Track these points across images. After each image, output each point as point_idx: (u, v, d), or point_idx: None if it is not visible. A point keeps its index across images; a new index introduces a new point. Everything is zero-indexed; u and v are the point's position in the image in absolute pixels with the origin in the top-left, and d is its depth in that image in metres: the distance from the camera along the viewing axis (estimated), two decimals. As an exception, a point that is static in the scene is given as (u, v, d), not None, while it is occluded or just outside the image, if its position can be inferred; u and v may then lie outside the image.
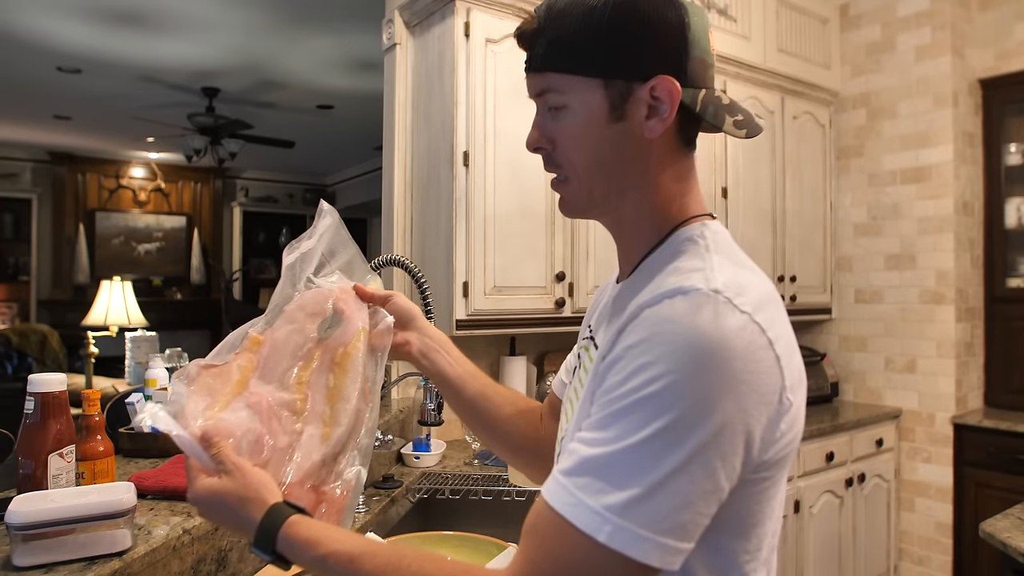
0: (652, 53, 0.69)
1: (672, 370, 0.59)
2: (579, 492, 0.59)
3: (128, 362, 4.11)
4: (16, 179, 7.69)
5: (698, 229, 0.73)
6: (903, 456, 3.20)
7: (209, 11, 4.03)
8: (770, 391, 0.62)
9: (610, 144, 0.72)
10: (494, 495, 1.90)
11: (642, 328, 0.62)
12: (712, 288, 0.62)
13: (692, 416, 0.58)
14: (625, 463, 0.59)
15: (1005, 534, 1.68)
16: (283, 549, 0.68)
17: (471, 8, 2.18)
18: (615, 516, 0.58)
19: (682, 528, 0.59)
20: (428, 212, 2.33)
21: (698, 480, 0.58)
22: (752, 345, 0.61)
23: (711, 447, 0.59)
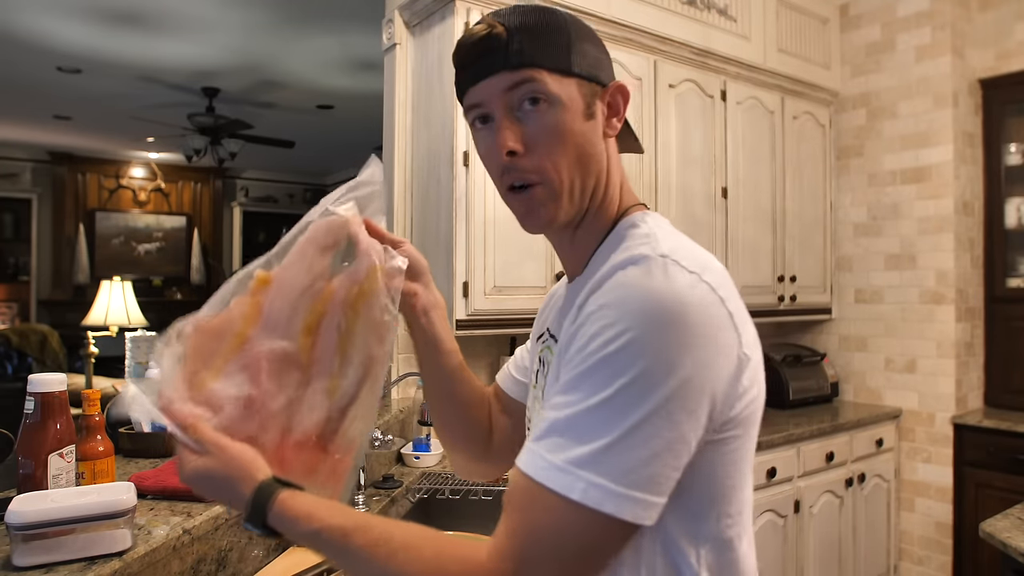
0: (606, 62, 0.79)
1: (630, 327, 0.61)
2: (548, 454, 0.61)
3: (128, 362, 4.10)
4: (16, 179, 7.69)
5: (639, 216, 0.78)
6: (903, 456, 3.20)
7: (209, 11, 4.03)
8: (727, 345, 0.65)
9: (585, 140, 0.75)
10: (494, 495, 1.90)
11: (600, 297, 0.65)
12: (659, 253, 0.67)
13: (653, 370, 0.60)
14: (591, 420, 0.60)
15: (1005, 534, 1.68)
16: (275, 524, 0.68)
17: (471, 8, 2.18)
18: (586, 471, 0.59)
19: (652, 481, 0.60)
20: (428, 212, 2.33)
21: (663, 432, 0.60)
22: (704, 301, 0.64)
23: (674, 400, 0.60)
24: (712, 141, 2.86)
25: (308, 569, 1.25)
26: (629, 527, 0.60)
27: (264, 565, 1.32)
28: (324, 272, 0.78)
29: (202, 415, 0.72)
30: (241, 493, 0.69)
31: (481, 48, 0.74)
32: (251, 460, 0.71)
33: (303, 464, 0.76)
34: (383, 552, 0.64)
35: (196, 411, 0.72)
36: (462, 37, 0.77)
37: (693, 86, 2.79)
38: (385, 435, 1.69)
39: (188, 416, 0.72)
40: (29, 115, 6.38)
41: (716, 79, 2.88)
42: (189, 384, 0.73)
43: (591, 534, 0.60)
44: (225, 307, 0.76)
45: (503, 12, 0.76)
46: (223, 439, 0.72)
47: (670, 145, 2.69)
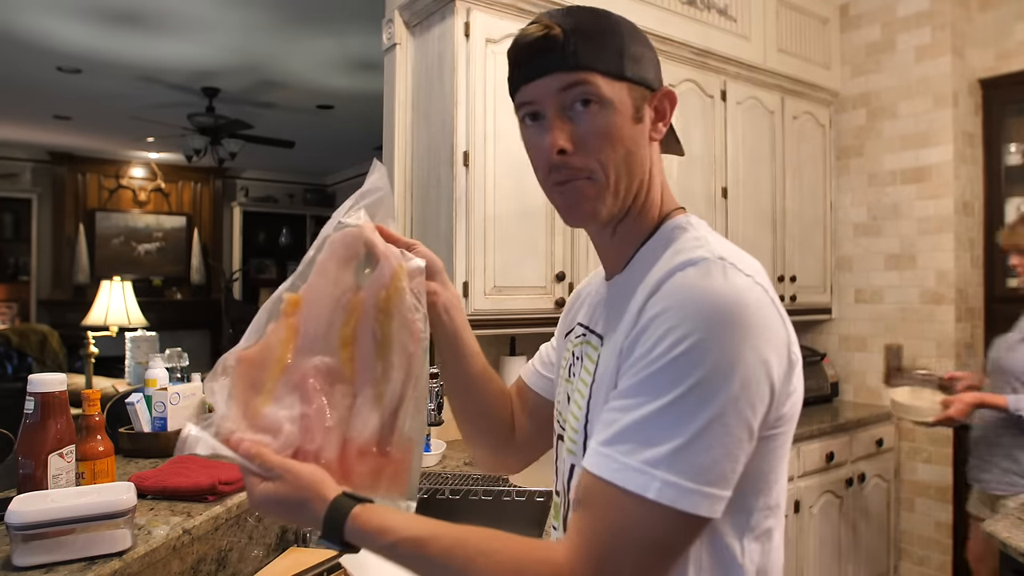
0: (656, 69, 0.81)
1: (695, 330, 0.63)
2: (622, 456, 0.62)
3: (128, 362, 4.10)
4: (16, 179, 7.69)
5: (684, 219, 0.81)
6: (903, 456, 3.20)
7: (209, 11, 4.03)
8: (781, 344, 0.68)
9: (633, 142, 0.78)
10: (494, 495, 1.90)
11: (661, 300, 0.68)
12: (717, 256, 0.70)
13: (720, 370, 0.62)
14: (662, 421, 0.62)
15: (1005, 534, 1.68)
16: (351, 539, 0.70)
17: (471, 8, 2.18)
18: (660, 471, 0.61)
19: (722, 476, 0.62)
20: (428, 212, 2.33)
21: (732, 430, 0.62)
22: (760, 301, 0.67)
23: (740, 398, 0.63)
24: (712, 141, 2.86)
25: (308, 569, 1.25)
26: (701, 522, 0.62)
27: (264, 565, 1.32)
28: (350, 284, 0.80)
29: (263, 440, 0.74)
30: (315, 512, 0.71)
31: (537, 48, 0.76)
32: (320, 479, 0.73)
33: (368, 472, 0.78)
34: (460, 559, 0.65)
35: (257, 437, 0.74)
36: (518, 35, 0.78)
37: (693, 86, 2.79)
38: (385, 435, 1.69)
39: (251, 444, 0.73)
40: (29, 115, 6.38)
41: (716, 79, 2.88)
42: (244, 413, 0.74)
43: (667, 531, 0.62)
44: (262, 334, 0.78)
45: (557, 13, 0.77)
46: (289, 461, 0.73)
47: (670, 145, 2.69)
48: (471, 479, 1.99)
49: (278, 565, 1.32)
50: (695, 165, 2.79)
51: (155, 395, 1.51)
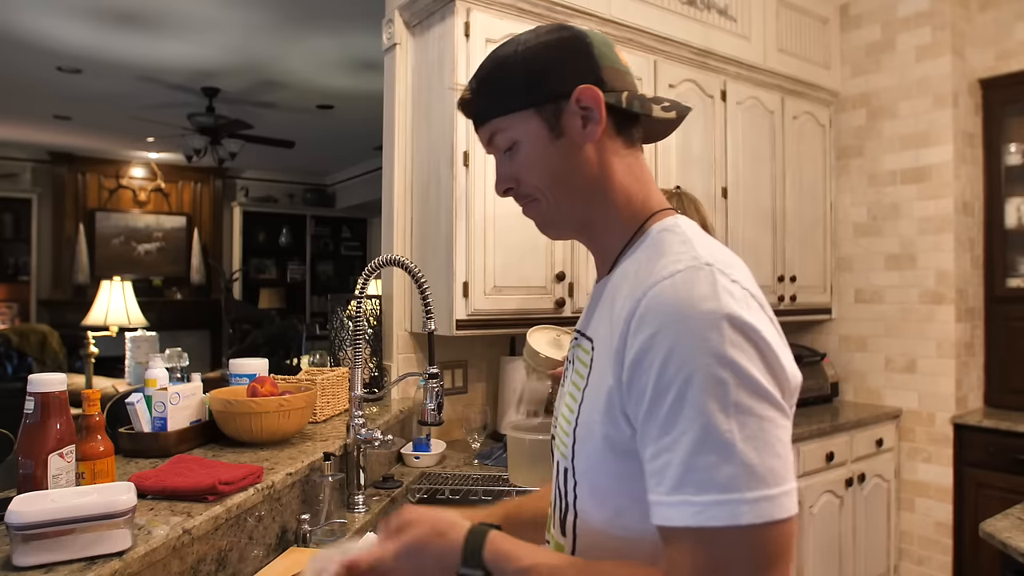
0: (567, 72, 0.79)
1: (693, 353, 0.63)
2: (694, 498, 0.61)
3: (128, 362, 4.11)
4: (16, 179, 7.69)
5: (671, 221, 0.79)
6: (903, 456, 3.20)
7: (209, 11, 4.03)
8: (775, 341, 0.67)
9: (560, 159, 0.79)
10: (494, 495, 1.90)
11: (651, 319, 0.66)
12: (704, 261, 0.68)
13: (737, 381, 0.62)
14: (710, 447, 0.61)
15: (1005, 534, 1.68)
16: (490, 563, 0.70)
17: (471, 8, 2.18)
18: (738, 494, 0.60)
19: (787, 468, 0.63)
20: (428, 212, 2.33)
21: (769, 426, 0.63)
22: (751, 307, 0.66)
23: (765, 397, 0.63)
24: (712, 141, 2.86)
25: (308, 569, 1.25)
26: (794, 521, 0.63)
27: (264, 565, 1.32)
28: None
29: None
30: (453, 542, 0.72)
31: (463, 111, 0.86)
32: (449, 515, 0.76)
33: None
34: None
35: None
36: None
37: (693, 86, 2.79)
38: (385, 435, 1.69)
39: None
40: (29, 115, 6.38)
41: (716, 79, 2.88)
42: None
43: (774, 544, 0.61)
44: None
45: (478, 71, 0.84)
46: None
47: (670, 145, 2.70)
48: (471, 479, 1.99)
49: (278, 565, 1.32)
50: (695, 165, 2.79)
51: (155, 395, 1.51)
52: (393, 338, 2.41)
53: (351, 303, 2.24)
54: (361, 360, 1.70)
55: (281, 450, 1.57)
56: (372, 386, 2.39)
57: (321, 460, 1.51)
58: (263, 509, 1.33)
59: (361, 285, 1.69)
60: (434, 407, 1.69)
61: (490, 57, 0.83)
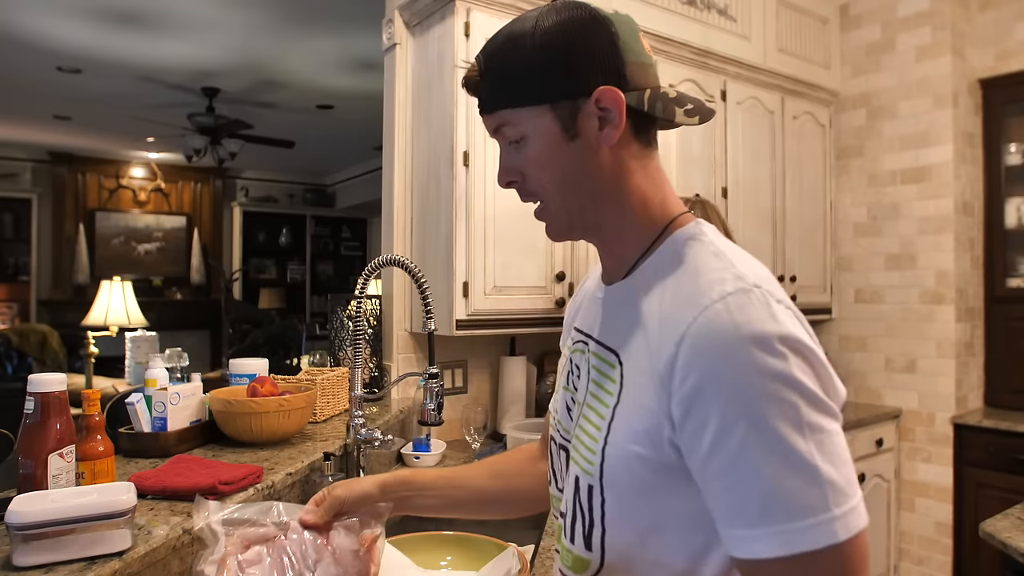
0: (588, 69, 0.72)
1: (761, 376, 0.61)
2: (785, 525, 0.59)
3: (128, 362, 4.11)
4: (16, 179, 7.69)
5: (694, 228, 0.75)
6: (903, 456, 3.20)
7: (209, 11, 4.03)
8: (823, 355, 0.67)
9: (572, 161, 0.74)
10: (494, 495, 1.90)
11: (708, 348, 0.63)
12: (752, 283, 0.66)
13: (805, 400, 0.61)
14: (792, 474, 0.60)
15: (1005, 534, 1.68)
16: None
17: (471, 8, 2.18)
18: (827, 513, 0.59)
19: (855, 475, 0.63)
20: (428, 212, 2.33)
21: (838, 439, 0.63)
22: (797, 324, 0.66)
23: (829, 411, 0.64)
24: (712, 141, 2.86)
25: (308, 569, 1.25)
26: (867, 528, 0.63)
27: (264, 565, 1.32)
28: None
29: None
30: None
31: (468, 90, 0.79)
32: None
33: None
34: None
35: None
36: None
37: (693, 86, 2.79)
38: (385, 435, 1.69)
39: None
40: (29, 115, 6.38)
41: (716, 79, 2.88)
42: None
43: (861, 551, 0.61)
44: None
45: (487, 45, 0.77)
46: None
47: (670, 145, 2.69)
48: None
49: (278, 565, 1.32)
50: (695, 165, 2.79)
51: (155, 395, 1.51)
52: (393, 338, 2.41)
53: (351, 303, 2.24)
54: (361, 360, 1.70)
55: (281, 450, 1.57)
56: (372, 386, 2.39)
57: (321, 460, 1.51)
58: (263, 509, 1.32)
59: (361, 285, 1.69)
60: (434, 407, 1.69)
61: (503, 32, 0.75)
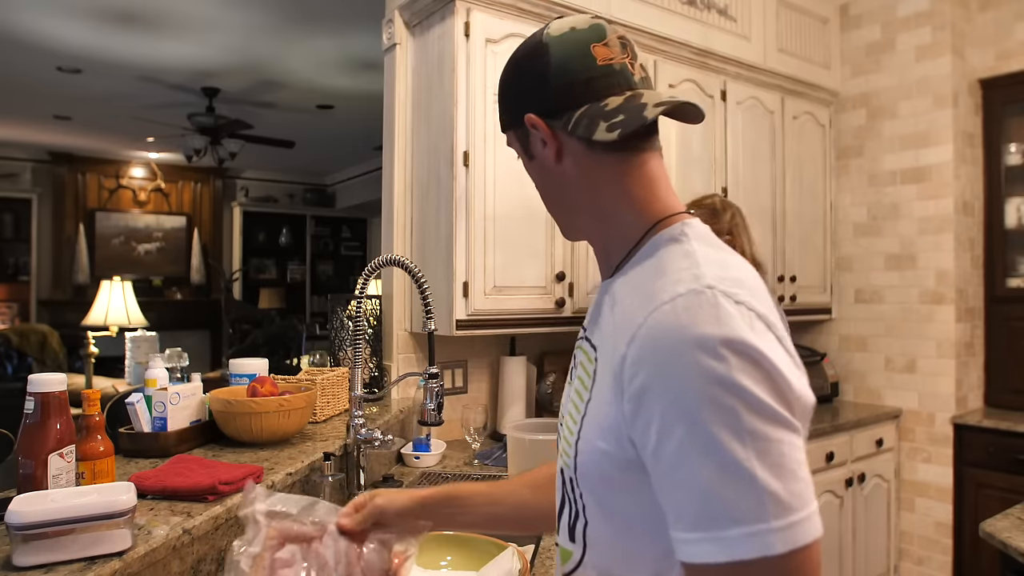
0: (520, 98, 0.81)
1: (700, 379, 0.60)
2: (720, 533, 0.58)
3: (128, 362, 4.11)
4: (16, 179, 7.69)
5: (677, 229, 0.75)
6: (903, 456, 3.20)
7: (209, 11, 4.03)
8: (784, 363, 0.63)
9: (540, 177, 0.84)
10: (494, 495, 1.90)
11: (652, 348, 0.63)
12: (706, 284, 0.64)
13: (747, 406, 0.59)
14: (728, 481, 0.58)
15: (1005, 534, 1.68)
16: None
17: (471, 8, 2.18)
18: (764, 524, 0.57)
19: (809, 489, 0.60)
20: (428, 212, 2.33)
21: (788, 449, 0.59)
22: (757, 328, 0.63)
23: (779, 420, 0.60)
24: (712, 141, 2.86)
25: (308, 569, 1.25)
26: (819, 540, 0.60)
27: (264, 565, 1.32)
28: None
29: None
30: None
31: None
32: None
33: None
34: None
35: None
36: None
37: (693, 86, 2.79)
38: (385, 435, 1.69)
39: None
40: (29, 115, 6.38)
41: (716, 79, 2.88)
42: None
43: (803, 569, 0.59)
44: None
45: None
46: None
47: (670, 145, 2.69)
48: (471, 479, 1.99)
49: (278, 565, 1.31)
50: (695, 165, 2.79)
51: (155, 395, 1.51)
52: (393, 338, 2.41)
53: (351, 303, 2.24)
54: (361, 360, 1.70)
55: (281, 450, 1.57)
56: (372, 386, 2.39)
57: (321, 460, 1.51)
58: (263, 509, 1.32)
59: (361, 285, 1.69)
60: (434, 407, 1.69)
61: (507, 64, 0.85)
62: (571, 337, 2.91)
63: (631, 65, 0.77)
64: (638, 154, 0.78)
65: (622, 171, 0.78)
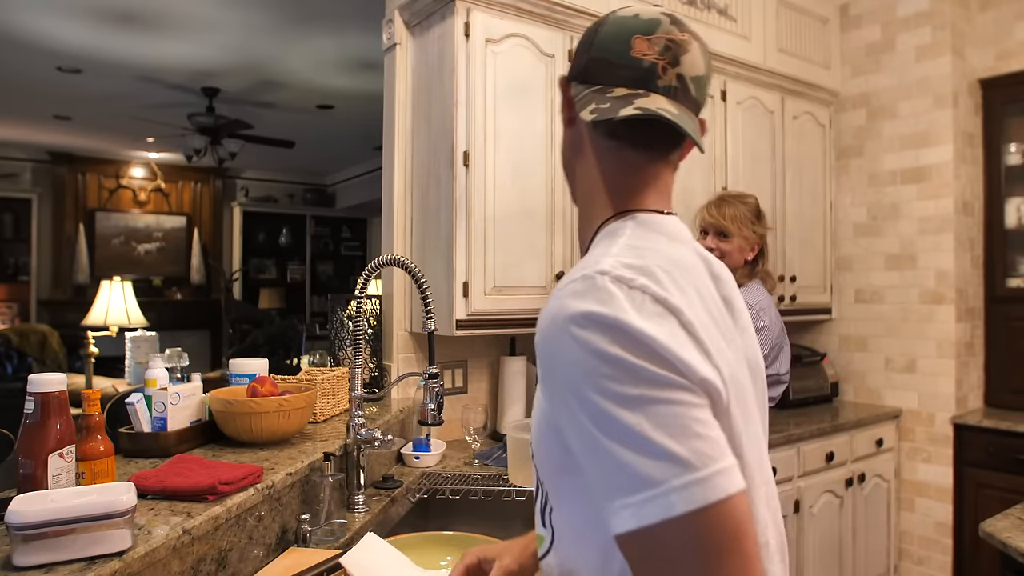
0: (574, 61, 0.84)
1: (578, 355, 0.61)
2: (628, 499, 0.58)
3: (128, 362, 4.11)
4: (16, 179, 7.69)
5: (621, 222, 0.78)
6: (903, 456, 3.20)
7: (209, 11, 4.03)
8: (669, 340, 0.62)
9: (563, 137, 0.88)
10: (494, 495, 1.90)
11: (540, 333, 0.67)
12: (599, 269, 0.65)
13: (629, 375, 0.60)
14: (623, 448, 0.59)
15: (1005, 534, 1.68)
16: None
17: (471, 8, 2.18)
18: (666, 484, 0.57)
19: (714, 447, 0.59)
20: (428, 212, 2.33)
21: (680, 408, 0.59)
22: (645, 311, 0.63)
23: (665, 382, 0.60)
24: (712, 141, 2.86)
25: (308, 569, 1.25)
26: (742, 497, 0.59)
27: (264, 565, 1.32)
28: None
29: None
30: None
31: None
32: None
33: None
34: None
35: None
36: None
37: (693, 86, 2.79)
38: (385, 435, 1.69)
39: None
40: (29, 115, 6.38)
41: (716, 79, 2.88)
42: None
43: (718, 528, 0.57)
44: None
45: None
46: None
47: (670, 145, 2.69)
48: (471, 479, 1.99)
49: (278, 565, 1.32)
50: (695, 165, 2.79)
51: (155, 395, 1.51)
52: (393, 338, 2.41)
53: (351, 303, 2.24)
54: (361, 360, 1.70)
55: (281, 450, 1.57)
56: (372, 386, 2.39)
57: (321, 460, 1.51)
58: (263, 509, 1.33)
59: (361, 285, 1.69)
60: (434, 407, 1.69)
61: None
62: (571, 337, 2.83)
63: (664, 69, 0.76)
64: (639, 152, 0.79)
65: (611, 159, 0.80)
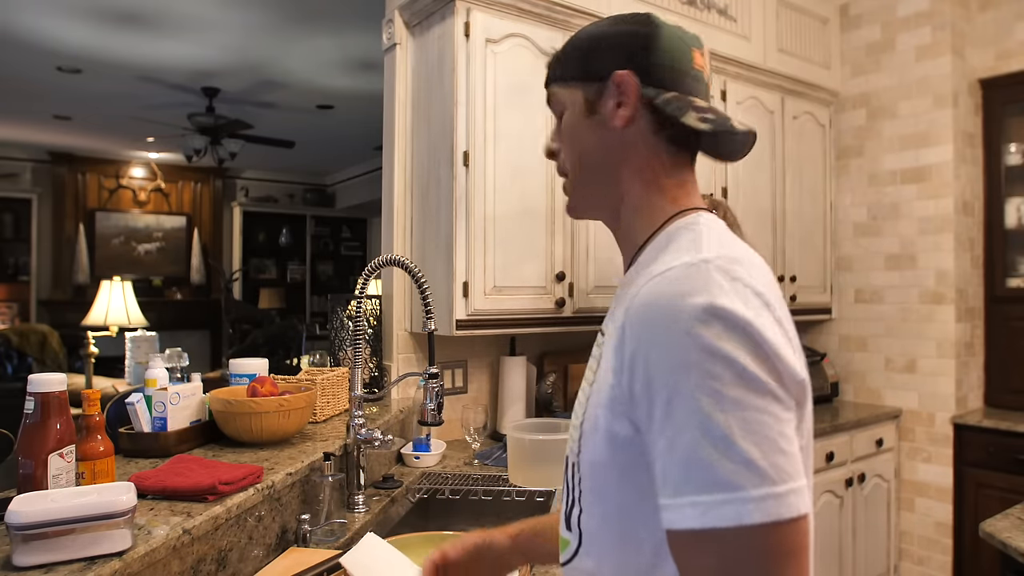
0: (614, 56, 0.80)
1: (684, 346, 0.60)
2: (698, 498, 0.58)
3: (128, 362, 4.11)
4: (16, 179, 7.69)
5: (692, 218, 0.78)
6: (903, 456, 3.20)
7: (209, 11, 4.03)
8: (776, 338, 0.62)
9: (589, 135, 0.82)
10: (494, 495, 1.90)
11: (641, 316, 0.64)
12: (702, 258, 0.65)
13: (731, 374, 0.59)
14: (707, 447, 0.58)
15: (1005, 534, 1.68)
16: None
17: (471, 8, 2.18)
18: (741, 492, 0.56)
19: (793, 464, 0.58)
20: (428, 212, 2.33)
21: (771, 420, 0.59)
22: (750, 303, 0.63)
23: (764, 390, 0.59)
24: (712, 141, 2.86)
25: (308, 569, 1.25)
26: (807, 520, 0.59)
27: (264, 565, 1.32)
28: None
29: None
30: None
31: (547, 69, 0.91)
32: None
33: None
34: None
35: None
36: None
37: (693, 86, 2.79)
38: (385, 435, 1.69)
39: None
40: (29, 115, 6.38)
41: (716, 79, 2.88)
42: None
43: (783, 545, 0.57)
44: None
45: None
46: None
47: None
48: (471, 479, 1.99)
49: (278, 565, 1.32)
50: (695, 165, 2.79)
51: (155, 395, 1.51)
52: (393, 338, 2.41)
53: (351, 303, 2.24)
54: (361, 360, 1.70)
55: (281, 450, 1.57)
56: (372, 386, 2.39)
57: (321, 460, 1.51)
58: (263, 509, 1.33)
59: (361, 285, 1.69)
60: (434, 407, 1.69)
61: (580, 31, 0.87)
62: (572, 337, 2.91)
63: (710, 83, 0.85)
64: (687, 157, 0.84)
65: (671, 166, 0.82)
